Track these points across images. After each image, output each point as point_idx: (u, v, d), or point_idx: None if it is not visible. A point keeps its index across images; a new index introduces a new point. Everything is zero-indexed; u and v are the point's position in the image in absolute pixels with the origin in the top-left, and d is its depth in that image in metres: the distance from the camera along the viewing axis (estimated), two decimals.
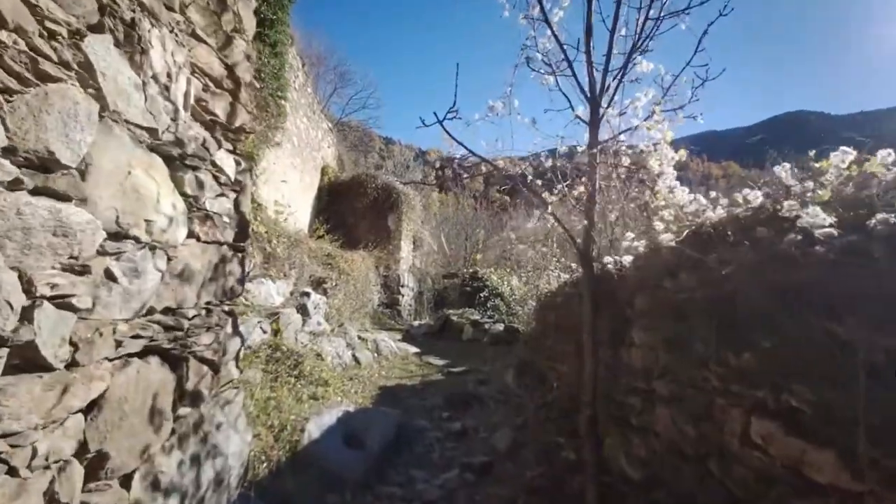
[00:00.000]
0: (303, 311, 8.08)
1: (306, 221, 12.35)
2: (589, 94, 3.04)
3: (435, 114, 2.65)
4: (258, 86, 5.63)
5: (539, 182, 3.55)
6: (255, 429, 2.95)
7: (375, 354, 6.66)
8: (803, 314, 1.42)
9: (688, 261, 1.77)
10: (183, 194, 1.62)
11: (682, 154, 2.81)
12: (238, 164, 1.98)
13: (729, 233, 1.55)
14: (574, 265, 7.96)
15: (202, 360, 1.77)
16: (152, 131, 1.43)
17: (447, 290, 16.17)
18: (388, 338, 8.08)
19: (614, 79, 3.07)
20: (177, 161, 1.59)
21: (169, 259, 1.52)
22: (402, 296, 14.25)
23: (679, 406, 2.27)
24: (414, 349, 7.75)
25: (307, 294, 8.29)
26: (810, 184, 1.52)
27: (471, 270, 12.83)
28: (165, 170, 1.54)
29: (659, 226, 2.33)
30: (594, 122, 3.03)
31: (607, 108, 3.00)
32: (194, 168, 1.67)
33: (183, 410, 1.62)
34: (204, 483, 1.69)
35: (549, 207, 2.99)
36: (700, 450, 2.09)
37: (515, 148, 5.80)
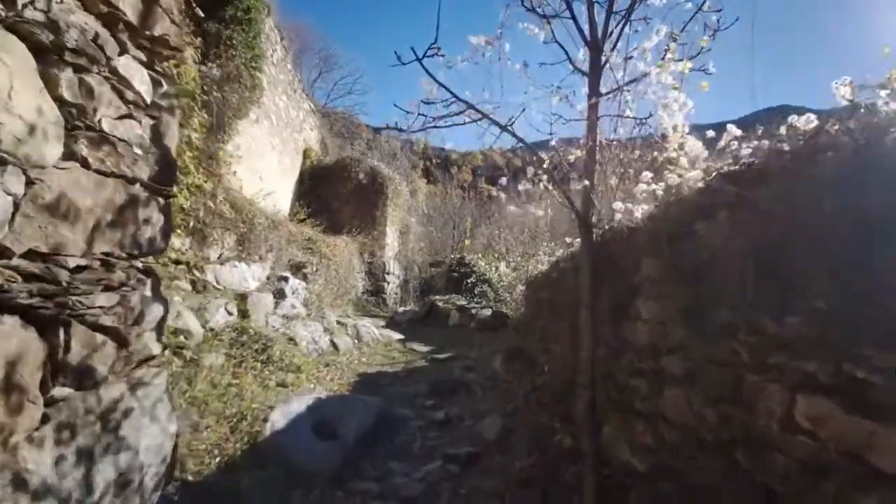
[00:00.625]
0: (279, 295, 7.64)
1: (287, 205, 11.84)
2: (589, 38, 2.68)
3: (413, 49, 2.26)
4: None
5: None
6: (206, 418, 2.57)
7: (356, 340, 6.29)
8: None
9: (723, 200, 1.44)
10: (59, 99, 1.21)
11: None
12: (158, 84, 1.58)
13: (788, 158, 1.21)
14: (569, 239, 7.68)
15: (96, 328, 1.37)
16: None
17: (434, 279, 15.83)
18: (371, 324, 7.71)
19: (618, 24, 2.72)
20: (50, 53, 1.18)
21: (30, 183, 1.13)
22: (388, 283, 13.85)
23: (695, 386, 1.96)
24: (398, 335, 7.40)
25: (285, 278, 7.86)
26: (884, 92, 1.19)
27: (458, 256, 12.47)
28: (29, 59, 1.14)
29: (673, 178, 1.99)
30: (595, 70, 2.67)
31: (611, 53, 2.64)
32: (79, 69, 1.27)
33: (61, 391, 1.23)
34: (99, 485, 1.31)
35: (546, 164, 2.63)
36: (722, 436, 1.78)
37: (505, 100, 5.40)
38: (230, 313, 4.21)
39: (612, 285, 2.64)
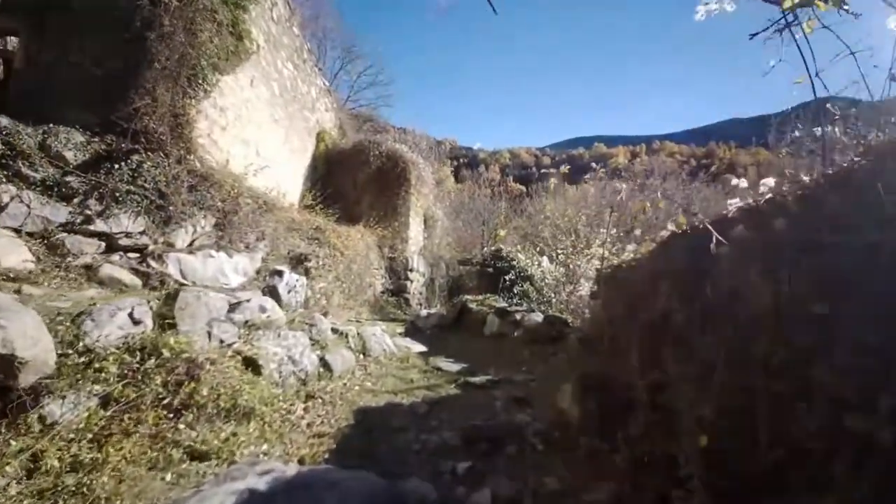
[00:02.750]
0: (272, 293, 6.06)
1: (296, 191, 10.36)
2: None
3: None
4: None
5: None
6: None
7: (360, 355, 4.61)
8: None
9: None
10: None
11: None
12: None
13: None
14: (639, 231, 5.71)
15: None
16: None
17: (464, 277, 14.08)
18: (385, 331, 6.02)
19: None
20: None
21: None
22: (411, 281, 12.20)
23: None
24: (419, 347, 5.68)
25: (279, 273, 6.28)
26: None
27: (493, 249, 10.64)
28: None
29: None
30: None
31: None
32: None
33: None
34: None
35: None
36: None
37: None
38: (137, 322, 2.60)
39: None
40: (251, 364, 3.05)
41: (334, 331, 4.43)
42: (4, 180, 3.96)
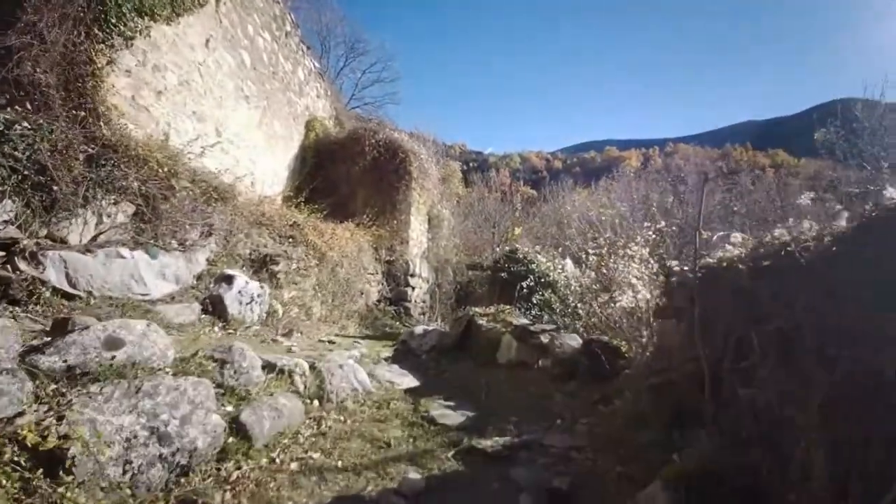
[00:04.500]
0: (215, 306, 4.59)
1: (277, 184, 8.94)
2: None
3: None
4: None
5: None
6: None
7: (314, 403, 3.09)
8: None
9: None
10: None
11: None
12: None
13: None
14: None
15: None
16: None
17: (473, 284, 12.53)
18: (365, 357, 4.53)
19: None
20: None
21: None
22: (412, 288, 10.70)
23: None
24: (408, 381, 4.14)
25: (227, 279, 4.79)
26: None
27: (507, 249, 9.06)
28: None
29: None
30: None
31: None
32: None
33: None
34: None
35: None
36: None
37: None
38: None
39: None
40: (50, 459, 1.55)
41: (269, 367, 2.90)
42: None
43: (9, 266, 3.32)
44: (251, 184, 7.17)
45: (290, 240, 6.63)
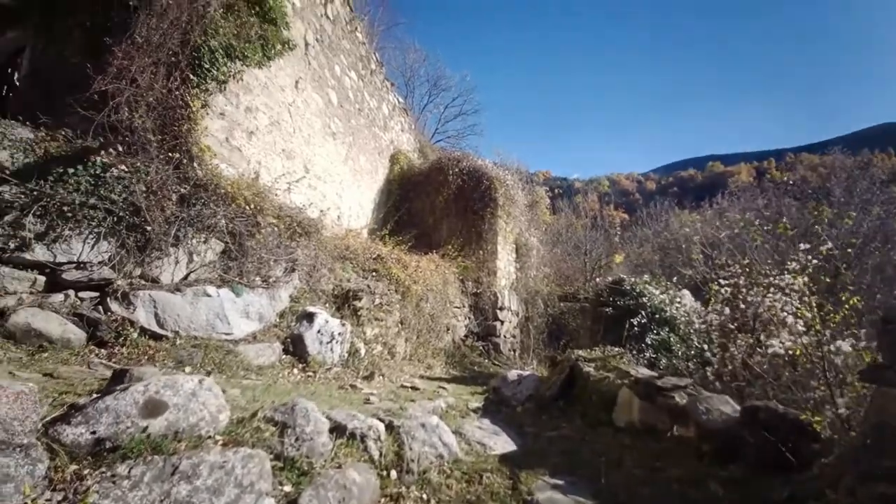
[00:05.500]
0: (295, 346, 4.35)
1: (362, 217, 8.97)
2: None
3: None
4: None
5: None
6: None
7: (391, 474, 2.52)
8: None
9: None
10: None
11: None
12: None
13: None
14: None
15: None
16: None
17: (565, 317, 11.43)
18: (451, 409, 3.92)
19: None
20: None
21: None
22: (501, 322, 9.96)
23: None
24: (502, 444, 3.41)
25: (308, 317, 4.56)
26: None
27: (610, 280, 7.95)
28: None
29: None
30: None
31: None
32: None
33: None
34: None
35: None
36: None
37: None
38: None
39: None
40: None
41: (338, 430, 2.41)
42: None
43: (100, 307, 3.35)
44: (337, 217, 7.18)
45: (374, 273, 6.39)
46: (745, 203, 11.22)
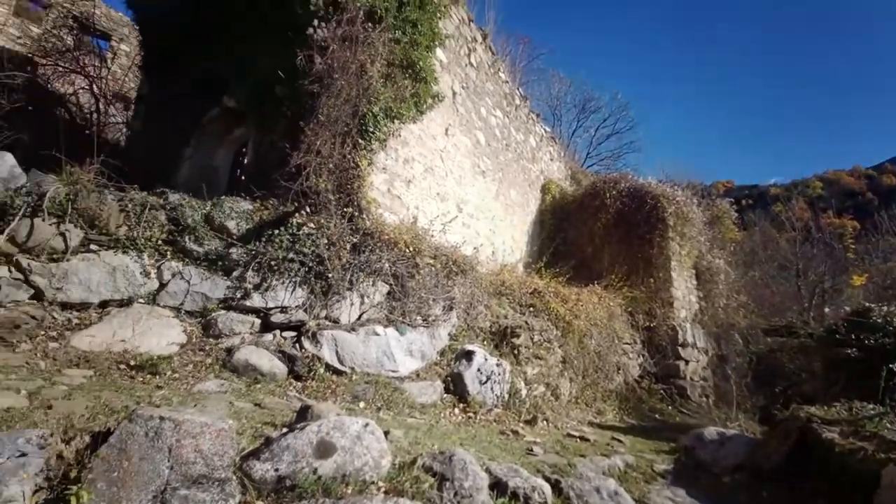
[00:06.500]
0: (455, 384, 4.36)
1: (516, 251, 8.89)
2: None
3: None
4: None
5: None
6: None
7: None
8: None
9: None
10: None
11: None
12: None
13: None
14: None
15: None
16: None
17: (777, 356, 9.05)
18: (631, 470, 3.33)
19: None
20: None
21: None
22: (686, 361, 8.49)
23: None
24: None
25: (467, 355, 4.56)
26: None
27: (846, 310, 6.01)
28: None
29: None
30: None
31: None
32: None
33: None
34: None
35: None
36: None
37: None
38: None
39: None
40: None
41: (499, 488, 2.18)
42: (170, 256, 3.80)
43: (297, 345, 3.91)
44: (491, 253, 7.23)
45: (531, 308, 6.13)
46: None
